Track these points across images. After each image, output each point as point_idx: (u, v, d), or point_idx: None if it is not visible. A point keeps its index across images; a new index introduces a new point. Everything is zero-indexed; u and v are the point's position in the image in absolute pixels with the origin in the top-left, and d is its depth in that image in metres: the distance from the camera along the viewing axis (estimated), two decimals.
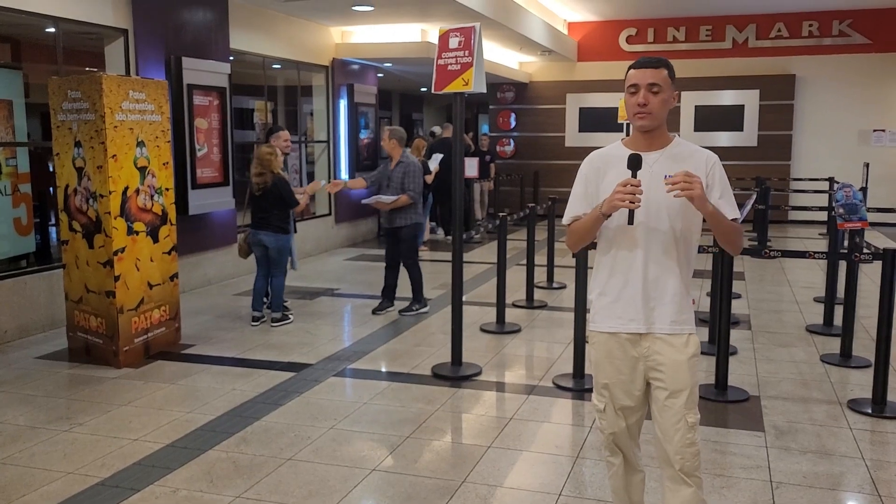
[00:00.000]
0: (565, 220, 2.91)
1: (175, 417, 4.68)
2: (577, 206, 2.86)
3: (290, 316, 7.10)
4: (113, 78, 5.64)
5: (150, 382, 5.36)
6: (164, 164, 6.08)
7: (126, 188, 5.71)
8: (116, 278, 5.64)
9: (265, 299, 7.20)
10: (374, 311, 7.42)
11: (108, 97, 5.52)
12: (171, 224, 6.20)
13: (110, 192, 5.57)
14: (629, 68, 2.79)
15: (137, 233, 5.84)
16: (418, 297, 7.44)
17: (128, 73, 7.40)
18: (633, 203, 2.58)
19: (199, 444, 4.28)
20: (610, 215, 2.69)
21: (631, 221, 2.65)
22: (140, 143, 5.82)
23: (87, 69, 5.71)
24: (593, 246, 2.97)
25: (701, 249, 3.86)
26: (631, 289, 2.77)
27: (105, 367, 5.66)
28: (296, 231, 7.41)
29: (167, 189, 6.14)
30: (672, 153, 2.76)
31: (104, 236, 5.65)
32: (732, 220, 2.73)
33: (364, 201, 7.66)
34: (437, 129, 13.81)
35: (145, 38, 7.59)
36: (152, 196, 5.98)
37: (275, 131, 7.44)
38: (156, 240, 6.03)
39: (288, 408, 4.86)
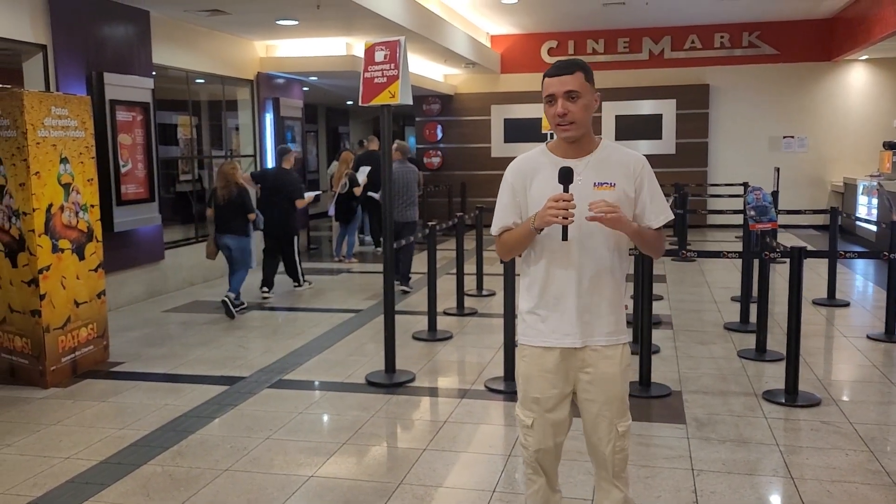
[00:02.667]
0: (494, 230, 2.79)
1: (107, 434, 4.64)
2: (506, 216, 2.74)
3: (245, 302, 8.22)
4: (34, 94, 5.57)
5: (80, 401, 5.28)
6: (88, 181, 6.01)
7: (50, 205, 5.63)
8: (42, 297, 5.55)
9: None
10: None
11: (30, 113, 5.44)
12: (98, 241, 6.12)
13: (34, 210, 5.49)
14: (544, 76, 2.64)
15: (63, 250, 5.75)
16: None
17: (48, 89, 7.27)
18: (567, 219, 2.49)
19: (133, 459, 4.26)
20: (542, 230, 2.59)
21: (565, 237, 2.55)
22: (64, 160, 5.74)
23: (2, 86, 5.61)
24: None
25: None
26: (566, 302, 2.66)
27: (32, 388, 5.55)
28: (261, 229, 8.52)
29: (92, 206, 6.06)
30: (599, 158, 2.66)
31: (28, 254, 5.55)
32: (659, 228, 2.70)
33: None
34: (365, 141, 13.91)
35: (65, 54, 7.46)
36: (77, 213, 5.90)
37: (287, 152, 8.99)
38: (82, 257, 5.95)
39: (223, 420, 4.86)
